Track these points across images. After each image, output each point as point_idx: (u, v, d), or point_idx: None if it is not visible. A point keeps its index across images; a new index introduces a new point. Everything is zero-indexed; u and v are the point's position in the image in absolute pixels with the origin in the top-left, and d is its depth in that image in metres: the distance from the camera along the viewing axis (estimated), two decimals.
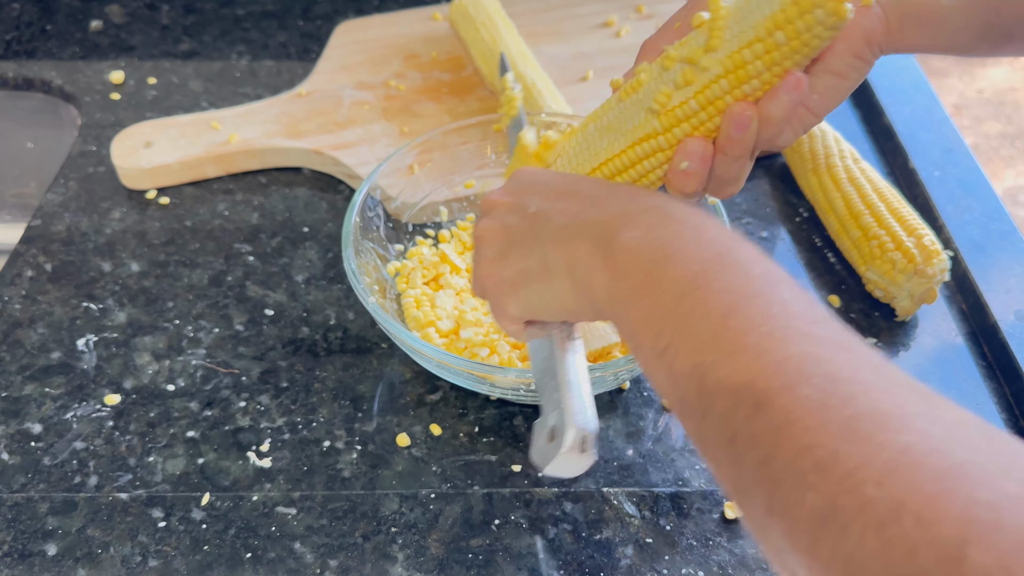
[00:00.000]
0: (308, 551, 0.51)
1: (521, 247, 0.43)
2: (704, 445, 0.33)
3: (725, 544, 0.52)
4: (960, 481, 0.24)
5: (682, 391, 0.33)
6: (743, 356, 0.31)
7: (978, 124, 2.25)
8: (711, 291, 0.33)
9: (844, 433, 0.27)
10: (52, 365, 0.61)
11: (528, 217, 0.43)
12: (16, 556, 0.50)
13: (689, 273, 0.35)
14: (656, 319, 0.35)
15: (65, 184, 0.75)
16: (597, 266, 0.38)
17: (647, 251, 0.37)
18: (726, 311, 0.32)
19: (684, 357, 0.33)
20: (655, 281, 0.36)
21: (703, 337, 0.32)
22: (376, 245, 0.63)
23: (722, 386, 0.31)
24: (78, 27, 0.92)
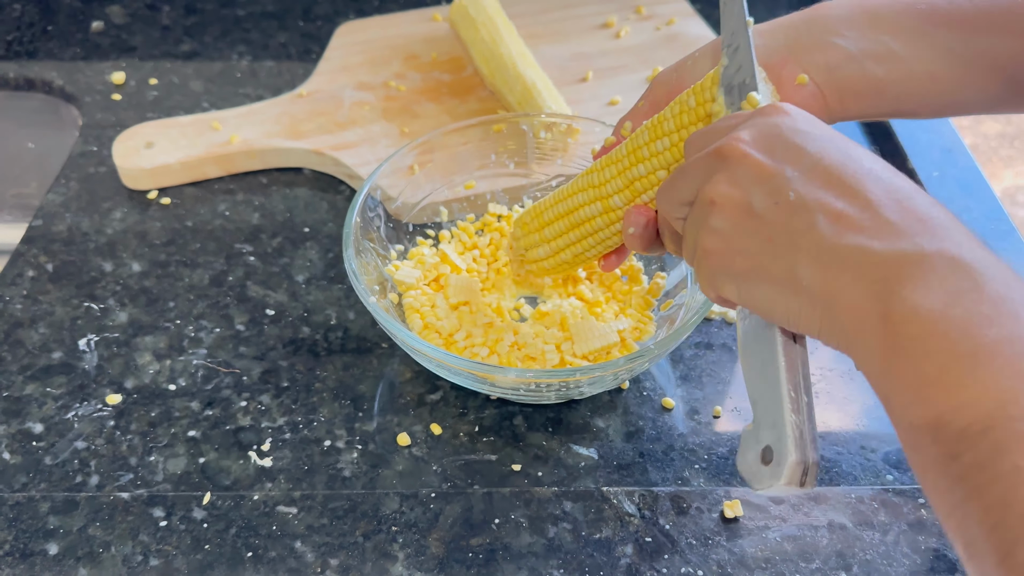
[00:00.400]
0: (309, 550, 0.51)
1: (767, 243, 0.35)
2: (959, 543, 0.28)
3: (724, 543, 0.52)
4: None
5: (973, 539, 0.28)
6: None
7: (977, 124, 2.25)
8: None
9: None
10: (53, 365, 0.61)
11: (785, 204, 0.35)
12: (17, 555, 0.51)
13: (1002, 391, 0.28)
14: (952, 437, 0.29)
15: (66, 184, 0.75)
16: (870, 323, 0.31)
17: (947, 334, 0.29)
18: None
19: (985, 507, 0.27)
20: (956, 384, 0.29)
21: (1014, 496, 0.27)
22: (376, 245, 0.63)
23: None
24: (79, 28, 0.92)
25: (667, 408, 0.59)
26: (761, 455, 0.36)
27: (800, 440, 0.35)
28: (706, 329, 0.64)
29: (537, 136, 0.67)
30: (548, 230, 0.56)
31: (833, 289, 0.33)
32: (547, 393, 0.55)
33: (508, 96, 0.76)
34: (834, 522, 0.53)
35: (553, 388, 0.54)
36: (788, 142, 0.36)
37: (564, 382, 0.53)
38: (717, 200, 0.37)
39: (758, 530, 0.52)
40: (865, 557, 0.51)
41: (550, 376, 0.53)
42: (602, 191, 0.51)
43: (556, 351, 0.58)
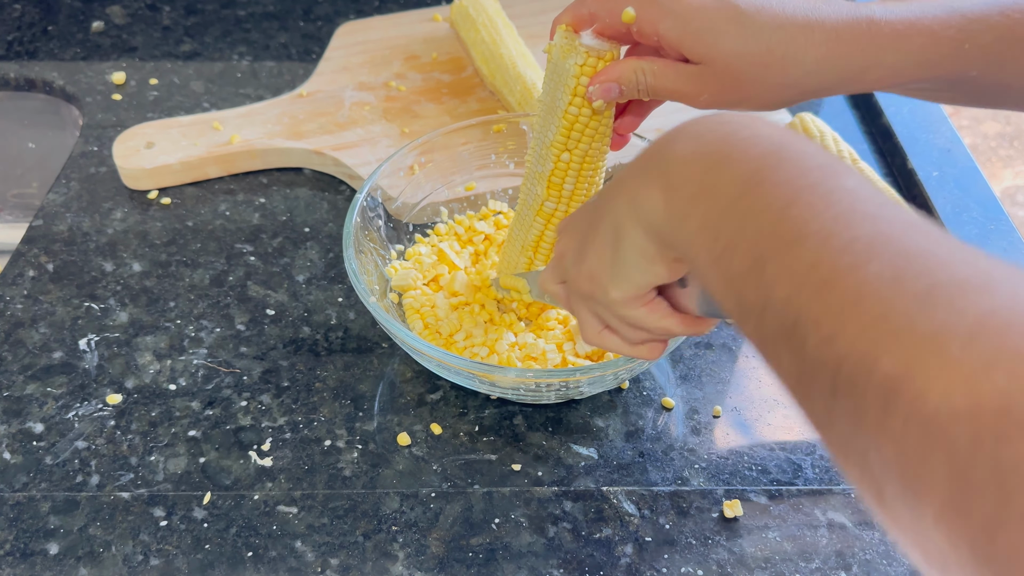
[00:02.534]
0: (309, 550, 0.51)
1: (592, 230, 0.42)
2: (762, 341, 0.31)
3: (724, 543, 0.52)
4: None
5: (739, 291, 0.31)
6: (806, 243, 0.29)
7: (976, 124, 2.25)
8: (769, 185, 0.32)
9: (922, 302, 0.24)
10: (54, 365, 0.61)
11: (592, 206, 0.43)
12: (18, 555, 0.51)
13: (745, 172, 0.33)
14: (712, 224, 0.33)
15: (67, 184, 0.75)
16: (653, 190, 0.37)
17: (699, 158, 0.35)
18: (786, 203, 0.30)
19: (742, 255, 0.31)
20: (710, 187, 0.34)
21: (762, 231, 0.31)
22: (377, 245, 0.63)
23: (782, 274, 0.29)
24: (80, 28, 0.92)
25: (667, 408, 0.59)
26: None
27: None
28: None
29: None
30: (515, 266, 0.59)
31: (631, 196, 0.39)
32: (547, 393, 0.56)
33: (508, 96, 0.76)
34: (834, 522, 0.53)
35: (553, 388, 0.54)
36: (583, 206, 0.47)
37: (564, 382, 0.53)
38: (563, 251, 0.46)
39: (758, 530, 0.52)
40: (865, 557, 0.51)
41: (550, 376, 0.53)
42: (535, 207, 0.55)
43: (557, 351, 0.58)
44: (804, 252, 0.28)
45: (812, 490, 0.55)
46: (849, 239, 0.28)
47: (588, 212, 0.44)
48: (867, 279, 0.26)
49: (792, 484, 0.55)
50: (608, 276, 0.42)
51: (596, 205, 0.43)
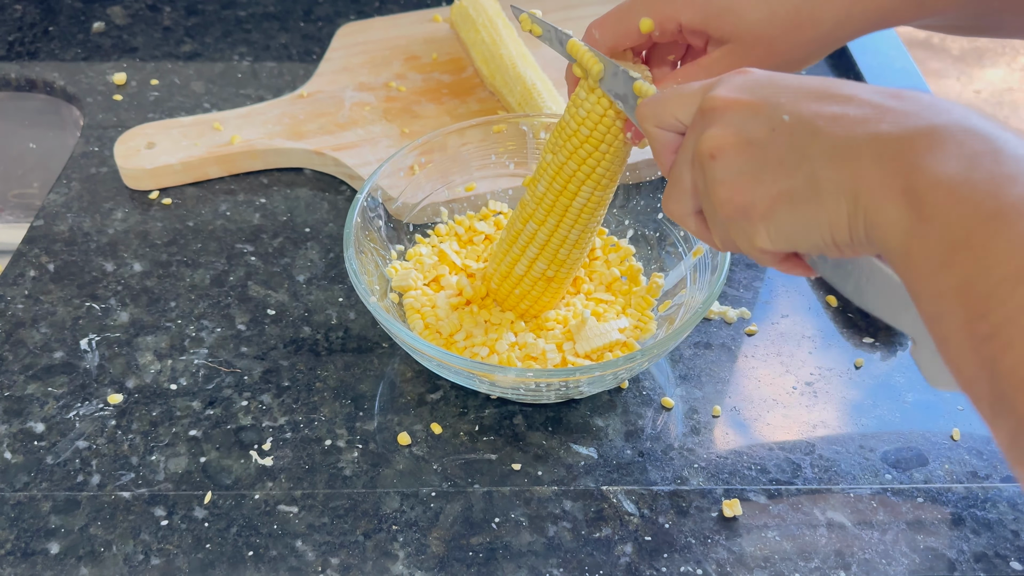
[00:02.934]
0: (310, 549, 0.51)
1: (778, 166, 0.35)
2: (1012, 448, 0.28)
3: (724, 542, 0.52)
4: None
5: (1002, 398, 0.28)
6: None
7: None
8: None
9: None
10: (55, 364, 0.61)
11: (783, 127, 0.35)
12: (19, 555, 0.51)
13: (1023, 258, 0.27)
14: (980, 297, 0.28)
15: (68, 184, 0.75)
16: (894, 199, 0.30)
17: (970, 197, 0.29)
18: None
19: (1016, 362, 0.27)
20: (982, 245, 0.28)
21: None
22: (377, 245, 0.63)
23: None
24: (80, 28, 0.92)
25: (666, 407, 0.59)
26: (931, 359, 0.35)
27: None
28: (705, 329, 0.64)
29: (537, 136, 0.67)
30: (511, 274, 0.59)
31: (854, 181, 0.32)
32: (547, 393, 0.56)
33: (508, 97, 0.76)
34: (833, 521, 0.53)
35: (553, 388, 0.54)
36: (765, 82, 0.37)
37: (564, 382, 0.53)
38: (715, 151, 0.37)
39: (757, 529, 0.53)
40: (864, 556, 0.51)
41: (550, 376, 0.53)
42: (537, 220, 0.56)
43: (557, 351, 0.58)
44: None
45: (811, 490, 0.55)
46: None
47: (776, 134, 0.35)
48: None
49: (791, 484, 0.55)
50: (768, 225, 0.36)
51: (793, 139, 0.34)
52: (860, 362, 0.62)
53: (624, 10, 0.48)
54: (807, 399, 0.60)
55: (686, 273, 0.62)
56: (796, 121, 0.34)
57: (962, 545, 0.52)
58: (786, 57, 0.46)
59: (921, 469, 0.56)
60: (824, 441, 0.58)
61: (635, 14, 0.47)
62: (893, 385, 0.61)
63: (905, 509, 0.54)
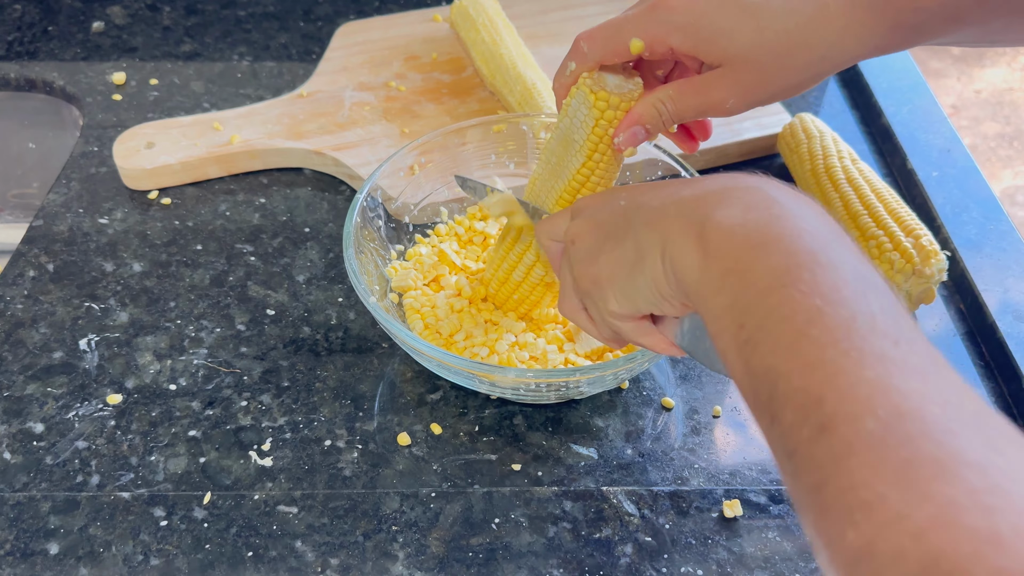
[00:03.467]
0: (309, 549, 0.51)
1: (614, 238, 0.43)
2: (770, 445, 0.32)
3: (724, 543, 0.52)
4: (991, 547, 0.24)
5: (756, 389, 0.33)
6: (818, 372, 0.30)
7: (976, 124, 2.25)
8: (798, 291, 0.32)
9: (895, 477, 0.27)
10: (54, 365, 0.61)
11: (620, 209, 0.43)
12: (18, 555, 0.51)
13: (780, 267, 0.34)
14: (740, 309, 0.34)
15: (67, 184, 0.75)
16: (690, 246, 0.37)
17: (741, 234, 0.36)
18: (809, 317, 0.31)
19: (762, 356, 0.32)
20: (745, 269, 0.35)
21: (783, 341, 0.32)
22: (377, 245, 0.63)
23: (793, 397, 0.30)
24: (80, 28, 0.92)
25: (667, 408, 0.59)
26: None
27: None
28: None
29: (537, 136, 0.67)
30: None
31: (663, 237, 0.39)
32: (546, 393, 0.56)
33: (508, 96, 0.76)
34: None
35: (553, 388, 0.54)
36: (613, 189, 0.47)
37: (564, 382, 0.53)
38: (575, 237, 0.45)
39: (757, 529, 0.53)
40: None
41: (550, 376, 0.53)
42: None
43: (558, 351, 0.58)
44: (813, 383, 0.30)
45: None
46: (855, 381, 0.29)
47: (614, 214, 0.44)
48: (858, 435, 0.28)
49: None
50: (613, 290, 0.43)
51: (625, 214, 0.43)
52: None
53: (615, 28, 0.48)
54: None
55: None
56: (629, 202, 0.43)
57: None
58: (779, 82, 0.46)
59: None
60: None
61: (626, 33, 0.47)
62: None
63: None
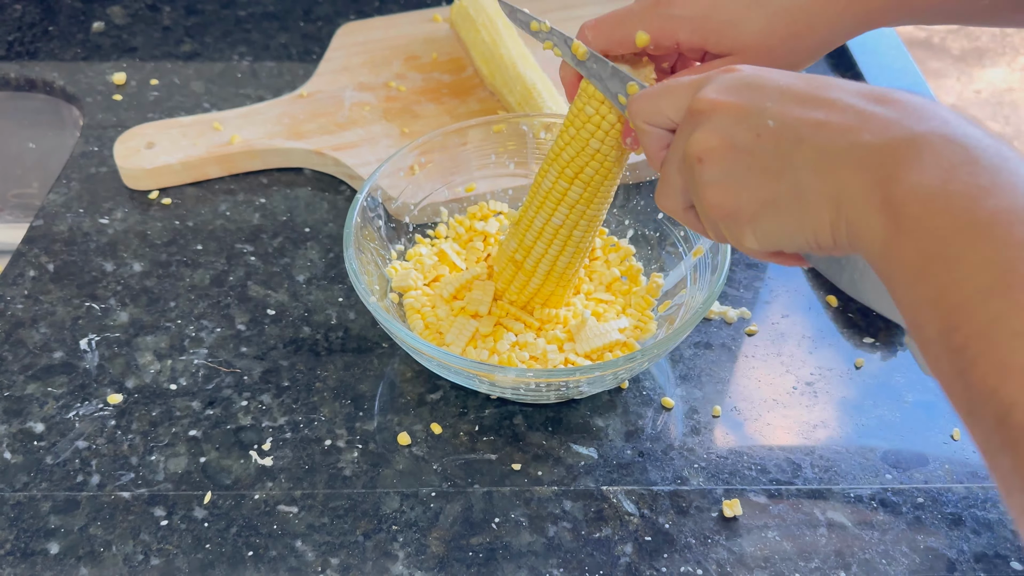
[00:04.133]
0: (309, 549, 0.51)
1: (763, 173, 0.36)
2: (996, 468, 0.28)
3: (724, 542, 0.52)
4: None
5: (974, 405, 0.28)
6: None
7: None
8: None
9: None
10: (54, 364, 0.61)
11: (768, 133, 0.35)
12: (19, 555, 0.51)
13: (1002, 261, 0.28)
14: (951, 308, 0.29)
15: (67, 184, 0.75)
16: (874, 209, 0.31)
17: (946, 209, 0.29)
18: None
19: (984, 374, 0.28)
20: (956, 257, 0.29)
21: (1015, 363, 0.27)
22: (377, 245, 0.63)
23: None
24: (80, 28, 0.92)
25: (667, 407, 0.59)
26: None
27: None
28: (705, 329, 0.64)
29: (537, 136, 0.67)
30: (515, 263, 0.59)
31: (836, 190, 0.33)
32: (546, 393, 0.56)
33: (508, 97, 0.76)
34: (833, 521, 0.53)
35: (552, 388, 0.54)
36: (752, 83, 0.37)
37: (564, 382, 0.53)
38: (703, 155, 0.37)
39: (757, 529, 0.53)
40: (864, 556, 0.51)
41: (550, 376, 0.53)
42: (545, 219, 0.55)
43: (558, 351, 0.58)
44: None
45: (811, 490, 0.55)
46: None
47: (761, 140, 0.36)
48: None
49: (791, 484, 0.55)
50: (755, 228, 0.37)
51: (778, 144, 0.35)
52: (860, 362, 0.62)
53: (621, 19, 0.47)
54: (807, 399, 0.60)
55: (686, 273, 0.62)
56: (781, 127, 0.35)
57: (962, 545, 0.52)
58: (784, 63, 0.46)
59: (921, 469, 0.56)
60: (824, 441, 0.58)
61: (632, 26, 0.46)
62: (893, 385, 0.61)
63: (905, 509, 0.54)
